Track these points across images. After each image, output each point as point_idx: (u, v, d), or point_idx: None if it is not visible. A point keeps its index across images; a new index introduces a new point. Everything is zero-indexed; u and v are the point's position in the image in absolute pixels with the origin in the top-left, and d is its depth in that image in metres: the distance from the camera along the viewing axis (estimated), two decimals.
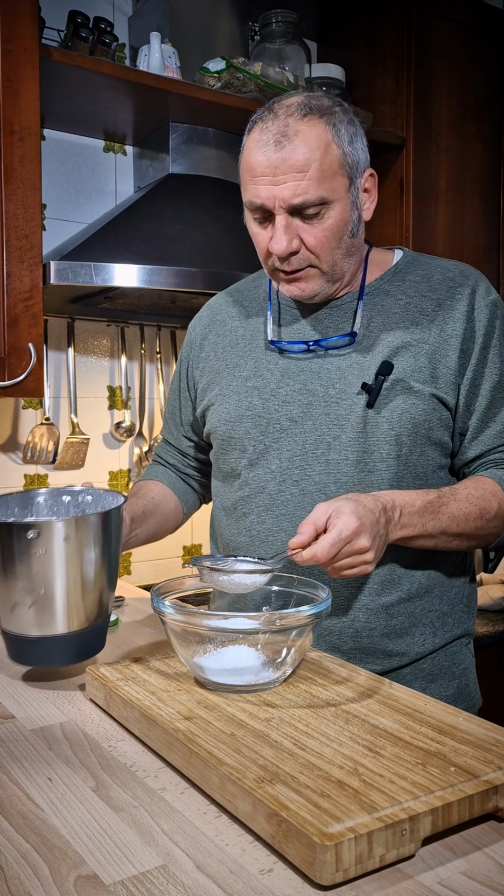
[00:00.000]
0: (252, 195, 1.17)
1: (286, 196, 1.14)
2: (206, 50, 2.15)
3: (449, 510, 1.16)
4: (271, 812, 0.69)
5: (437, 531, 1.16)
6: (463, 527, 1.17)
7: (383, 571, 1.22)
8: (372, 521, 1.05)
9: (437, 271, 1.28)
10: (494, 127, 2.52)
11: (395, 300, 1.26)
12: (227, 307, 1.40)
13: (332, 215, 1.16)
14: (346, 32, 2.49)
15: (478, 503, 1.18)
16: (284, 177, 1.13)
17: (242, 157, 1.20)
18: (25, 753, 0.89)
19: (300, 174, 1.13)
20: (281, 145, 1.13)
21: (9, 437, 2.13)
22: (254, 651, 0.98)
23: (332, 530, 1.01)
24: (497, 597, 2.24)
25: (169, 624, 0.97)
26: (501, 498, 1.20)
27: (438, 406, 1.21)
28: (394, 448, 1.19)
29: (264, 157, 1.14)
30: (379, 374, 1.19)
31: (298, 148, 1.13)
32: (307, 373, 1.25)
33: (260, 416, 1.26)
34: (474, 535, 1.20)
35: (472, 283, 1.25)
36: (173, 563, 2.39)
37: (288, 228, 1.15)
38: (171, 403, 1.48)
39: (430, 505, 1.15)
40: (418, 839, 0.69)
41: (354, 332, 1.23)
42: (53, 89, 1.87)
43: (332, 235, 1.17)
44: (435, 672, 1.27)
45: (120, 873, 0.67)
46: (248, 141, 1.19)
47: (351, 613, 1.22)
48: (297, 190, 1.13)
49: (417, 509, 1.13)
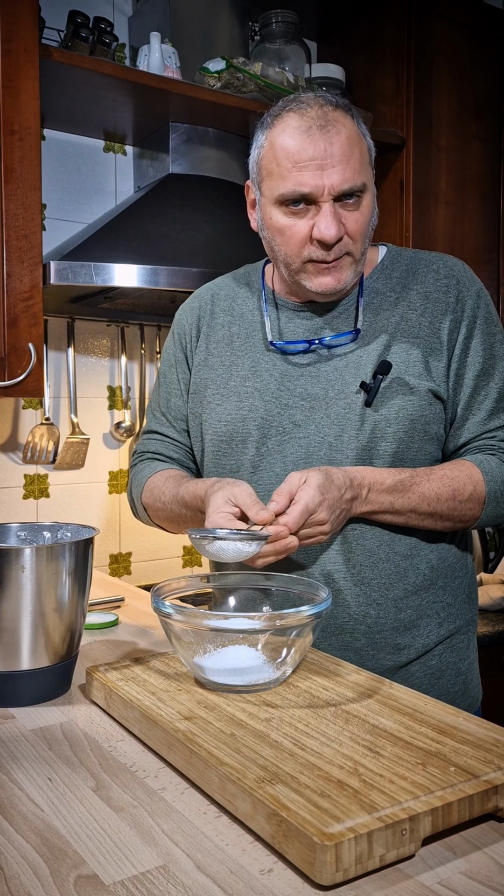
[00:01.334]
0: (295, 184, 1.15)
1: (335, 182, 1.14)
2: (206, 50, 2.15)
3: (420, 489, 1.18)
4: (271, 812, 0.69)
5: (405, 509, 1.18)
6: (434, 506, 1.19)
7: (389, 566, 1.22)
8: (335, 497, 1.10)
9: (422, 264, 1.29)
10: (494, 127, 2.52)
11: (384, 297, 1.27)
12: (219, 300, 1.39)
13: (365, 202, 1.19)
14: (346, 32, 2.49)
15: (451, 484, 1.19)
16: (333, 160, 1.13)
17: (272, 148, 1.18)
18: (25, 753, 0.89)
19: (346, 159, 1.14)
20: (326, 130, 1.14)
21: (9, 437, 2.13)
22: (254, 651, 0.98)
23: (299, 503, 1.06)
24: (497, 597, 2.24)
25: (169, 624, 0.97)
26: (478, 481, 1.20)
27: (434, 400, 1.22)
28: (392, 445, 1.20)
29: (310, 141, 1.14)
30: (378, 373, 1.19)
31: (342, 133, 1.14)
32: (307, 376, 1.25)
33: (263, 418, 1.26)
34: (447, 516, 1.21)
35: (457, 274, 1.28)
36: (173, 563, 2.39)
37: (335, 214, 1.16)
38: (173, 396, 1.41)
39: (401, 483, 1.17)
40: (418, 839, 0.69)
41: (358, 328, 1.24)
42: (53, 89, 1.87)
43: (366, 222, 1.20)
44: (442, 668, 1.28)
45: (120, 873, 0.67)
46: (279, 130, 1.17)
47: (362, 610, 1.22)
48: (346, 175, 1.14)
49: (386, 487, 1.16)
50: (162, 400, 1.43)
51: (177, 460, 1.41)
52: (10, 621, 0.99)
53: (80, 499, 2.24)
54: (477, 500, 1.21)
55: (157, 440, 1.43)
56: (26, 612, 0.99)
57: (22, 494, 2.14)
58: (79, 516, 2.22)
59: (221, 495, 1.12)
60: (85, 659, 1.20)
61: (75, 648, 1.07)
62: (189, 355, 1.39)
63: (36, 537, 1.17)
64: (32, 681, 1.01)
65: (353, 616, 1.23)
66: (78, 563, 1.03)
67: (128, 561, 2.33)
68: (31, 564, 0.98)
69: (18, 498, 2.14)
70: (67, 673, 1.06)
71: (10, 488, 2.12)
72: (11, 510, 2.13)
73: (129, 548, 2.33)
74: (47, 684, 1.03)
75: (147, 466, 1.41)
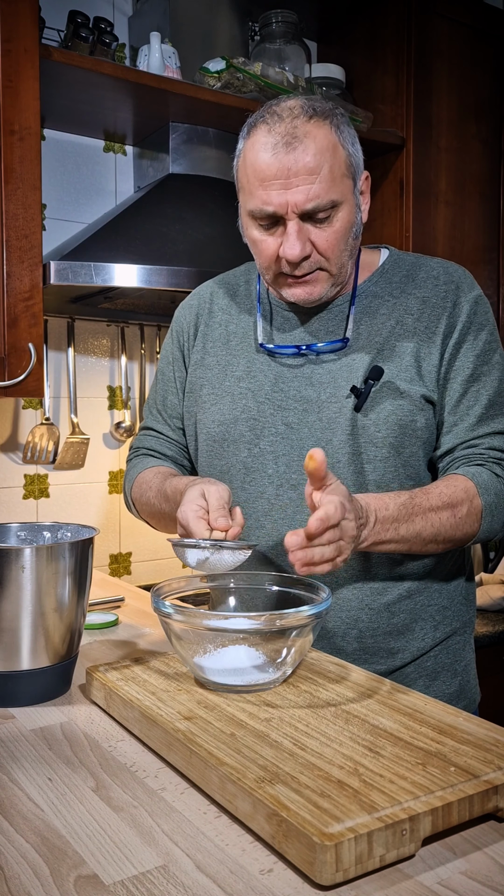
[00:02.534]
0: (261, 202, 1.13)
1: (299, 201, 1.11)
2: (206, 50, 2.15)
3: (422, 511, 1.13)
4: (271, 812, 0.69)
5: (410, 535, 1.12)
6: (437, 528, 1.14)
7: (384, 571, 1.22)
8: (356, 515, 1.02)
9: (422, 270, 1.28)
10: (494, 127, 2.52)
11: (382, 301, 1.26)
12: (217, 299, 1.38)
13: (340, 217, 1.15)
14: (346, 32, 2.49)
15: (450, 500, 1.15)
16: (297, 179, 1.10)
17: (244, 162, 1.16)
18: (25, 753, 0.89)
19: (312, 177, 1.10)
20: (292, 147, 1.10)
21: (9, 437, 2.13)
22: (254, 651, 0.98)
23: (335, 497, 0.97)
24: (497, 597, 2.24)
25: (169, 624, 0.97)
26: (474, 494, 1.16)
27: (426, 405, 1.21)
28: (382, 450, 1.19)
29: (274, 159, 1.11)
30: (369, 378, 1.19)
31: (309, 149, 1.10)
32: (300, 378, 1.25)
33: (255, 419, 1.26)
34: (448, 538, 1.16)
35: (457, 280, 1.26)
36: (173, 563, 2.39)
37: (300, 233, 1.13)
38: (169, 393, 1.41)
39: (403, 507, 1.11)
40: (418, 839, 0.68)
41: (347, 337, 1.23)
42: (53, 89, 1.87)
43: (341, 237, 1.16)
44: (437, 669, 1.27)
45: (120, 873, 0.67)
46: (250, 144, 1.15)
47: (353, 614, 1.22)
48: (310, 194, 1.11)
49: (391, 514, 1.10)
50: (159, 397, 1.43)
51: (171, 457, 1.41)
52: (10, 621, 0.99)
53: (80, 499, 2.24)
54: (475, 514, 1.17)
55: (152, 437, 1.43)
56: (26, 612, 0.99)
57: (22, 494, 2.14)
58: (79, 516, 2.22)
59: (197, 489, 1.12)
60: (85, 659, 1.20)
61: (75, 648, 1.07)
62: (186, 353, 1.39)
63: (36, 537, 1.17)
64: (32, 681, 1.01)
65: (344, 620, 1.22)
66: (78, 563, 1.03)
67: (128, 561, 2.33)
68: (31, 564, 0.98)
69: (18, 498, 2.14)
70: (67, 673, 1.06)
71: (10, 488, 2.13)
72: (11, 510, 2.13)
73: (129, 548, 2.33)
74: (47, 684, 1.03)
75: (141, 462, 1.41)
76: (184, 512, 1.09)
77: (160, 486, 1.28)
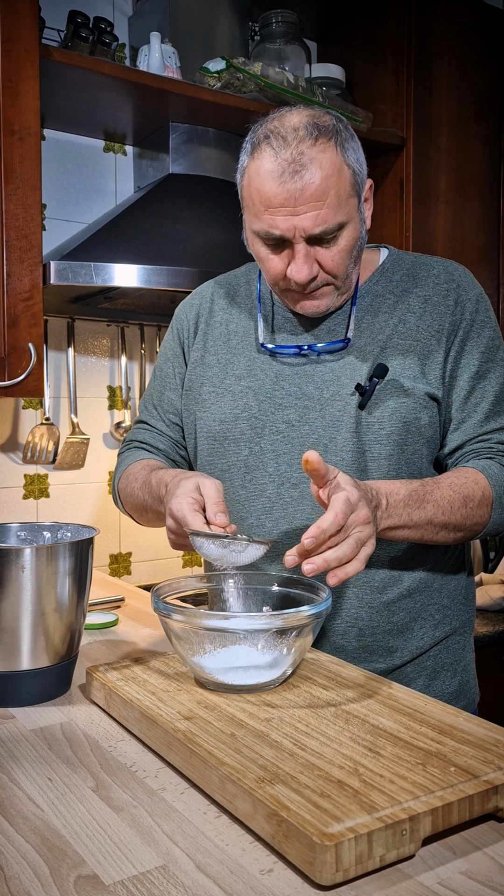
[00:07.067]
0: (268, 226, 1.14)
1: (307, 226, 1.12)
2: (206, 50, 2.15)
3: (433, 497, 1.14)
4: (271, 812, 0.69)
5: (422, 521, 1.13)
6: (448, 515, 1.15)
7: (384, 569, 1.22)
8: (368, 499, 1.01)
9: (423, 269, 1.29)
10: (494, 127, 2.52)
11: (383, 300, 1.27)
12: (218, 298, 1.39)
13: (345, 235, 1.16)
14: (346, 32, 2.49)
15: (461, 490, 1.16)
16: (304, 206, 1.11)
17: (249, 184, 1.15)
18: (25, 753, 0.89)
19: (319, 202, 1.11)
20: (299, 175, 1.10)
21: (9, 437, 2.13)
22: (254, 651, 0.98)
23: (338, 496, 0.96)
24: (497, 597, 2.24)
25: (169, 624, 0.97)
26: (484, 486, 1.18)
27: (430, 403, 1.22)
28: (386, 447, 1.20)
29: (281, 188, 1.11)
30: (374, 376, 1.19)
31: (316, 176, 1.10)
32: (302, 376, 1.25)
33: (256, 417, 1.26)
34: (460, 525, 1.17)
35: (458, 278, 1.27)
36: (173, 563, 2.39)
37: (308, 256, 1.15)
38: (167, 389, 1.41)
39: (415, 493, 1.12)
40: (418, 839, 0.69)
41: (348, 338, 1.24)
42: (53, 89, 1.87)
43: (347, 255, 1.17)
44: (437, 669, 1.27)
45: (120, 873, 0.67)
46: (255, 168, 1.14)
47: (353, 613, 1.22)
48: (318, 220, 1.12)
49: (402, 498, 1.11)
50: (156, 392, 1.43)
51: (163, 451, 1.41)
52: (10, 621, 0.99)
53: (80, 499, 2.24)
54: (486, 504, 1.18)
55: (145, 430, 1.44)
56: (26, 612, 0.99)
57: (22, 494, 2.14)
58: (79, 516, 2.22)
59: (192, 482, 1.11)
60: (85, 659, 1.20)
61: (75, 648, 1.07)
62: (186, 351, 1.39)
63: (36, 537, 1.17)
64: (32, 681, 1.01)
65: (344, 619, 1.22)
66: (78, 563, 1.03)
67: (128, 561, 2.33)
68: (31, 564, 0.98)
69: (18, 498, 2.14)
70: (67, 673, 1.06)
71: (10, 488, 2.12)
72: (11, 510, 2.13)
73: (129, 548, 2.33)
74: (47, 684, 1.03)
75: (132, 455, 1.41)
76: (178, 504, 1.08)
77: (146, 478, 1.28)
